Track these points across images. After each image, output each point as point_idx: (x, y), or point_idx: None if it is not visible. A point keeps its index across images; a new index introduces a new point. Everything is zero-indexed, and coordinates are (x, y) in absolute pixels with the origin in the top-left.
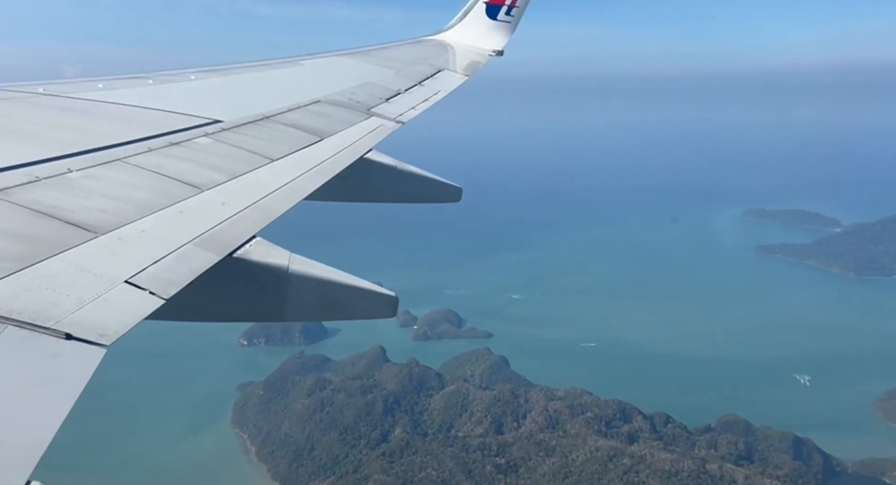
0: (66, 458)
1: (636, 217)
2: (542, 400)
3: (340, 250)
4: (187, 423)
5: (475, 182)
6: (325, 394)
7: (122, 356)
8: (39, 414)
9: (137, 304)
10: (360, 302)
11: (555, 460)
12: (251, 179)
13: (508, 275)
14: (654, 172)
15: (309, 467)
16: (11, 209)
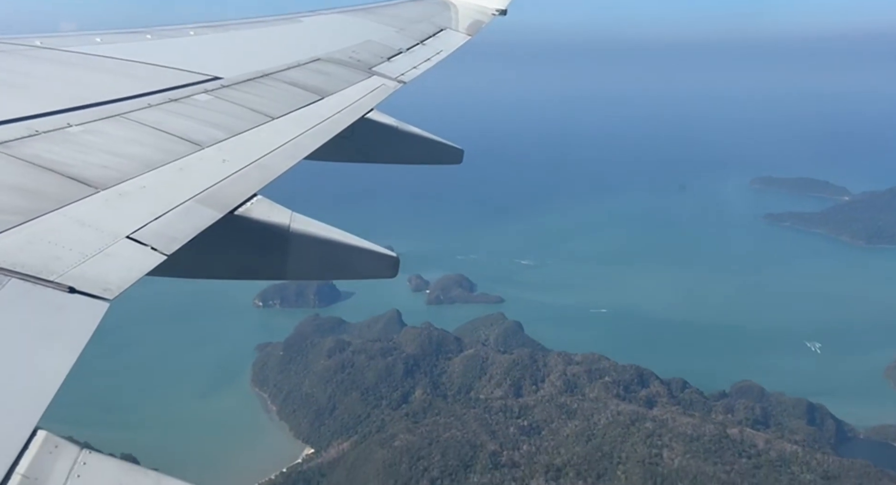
0: (90, 413)
1: (644, 185)
2: (561, 364)
3: (348, 214)
4: (208, 382)
5: (481, 147)
6: (345, 356)
7: (138, 316)
8: (45, 365)
9: (139, 259)
10: (361, 262)
11: (577, 422)
12: (251, 136)
13: (517, 241)
14: (661, 139)
15: (331, 427)
16: (11, 163)
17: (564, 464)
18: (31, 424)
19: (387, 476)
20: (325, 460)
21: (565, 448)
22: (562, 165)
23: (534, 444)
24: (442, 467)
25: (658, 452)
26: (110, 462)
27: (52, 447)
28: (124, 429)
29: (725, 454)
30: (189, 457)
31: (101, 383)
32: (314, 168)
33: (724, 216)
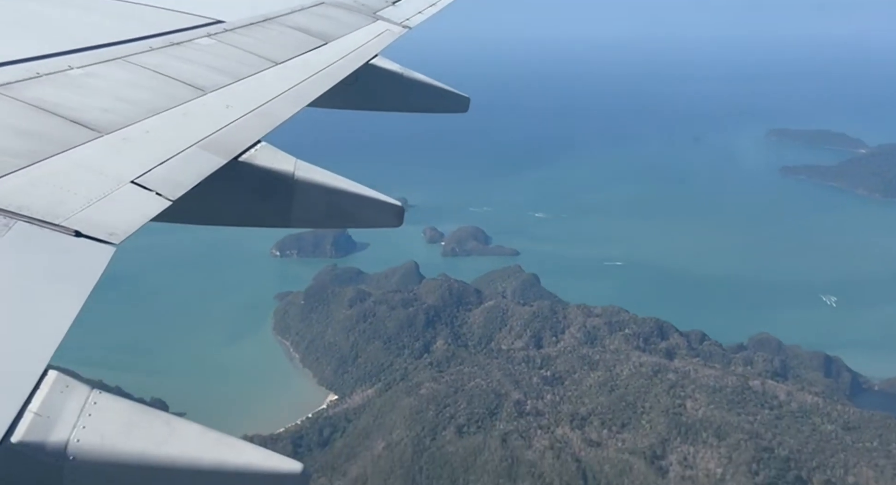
0: (120, 358)
1: (657, 137)
2: (581, 317)
3: (357, 164)
4: (230, 329)
5: (489, 96)
6: (366, 306)
7: (158, 263)
8: (54, 307)
9: (144, 204)
10: (366, 210)
11: (599, 373)
12: (255, 82)
13: (530, 193)
14: (673, 89)
15: (354, 374)
16: (14, 105)
17: (589, 413)
18: (41, 364)
19: (414, 423)
20: (350, 407)
21: (589, 398)
22: (572, 115)
23: (557, 393)
24: (468, 415)
25: (681, 402)
26: (121, 403)
27: (63, 387)
28: (153, 374)
29: (748, 405)
30: (216, 402)
31: (127, 329)
32: (320, 117)
33: (739, 169)
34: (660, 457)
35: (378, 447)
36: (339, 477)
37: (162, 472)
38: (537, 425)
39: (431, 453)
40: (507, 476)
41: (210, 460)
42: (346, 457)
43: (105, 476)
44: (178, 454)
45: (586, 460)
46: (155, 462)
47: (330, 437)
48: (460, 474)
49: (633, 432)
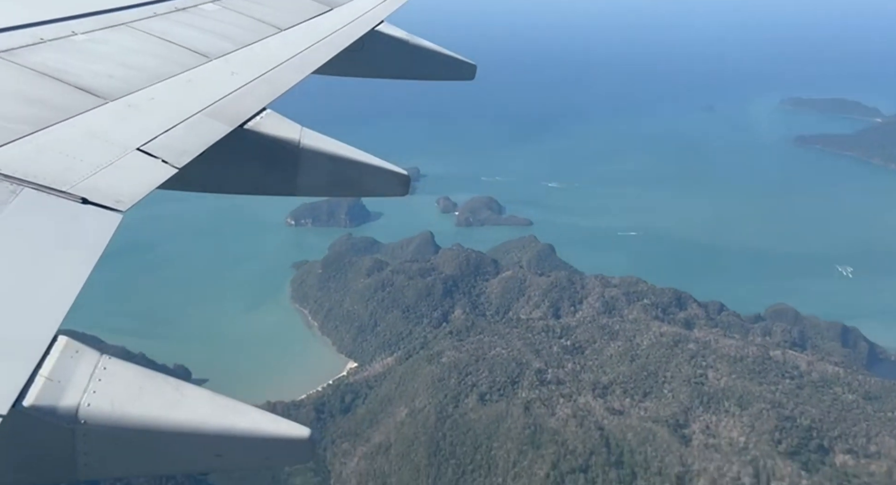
0: (137, 325)
1: (669, 105)
2: (598, 287)
3: (370, 133)
4: (248, 297)
5: (499, 64)
6: (384, 275)
7: (173, 232)
8: (63, 274)
9: (150, 172)
10: (372, 179)
11: (619, 343)
12: (260, 48)
13: (542, 163)
14: (686, 56)
15: (373, 343)
16: (18, 71)
17: (611, 382)
18: (51, 330)
19: (436, 390)
20: (370, 374)
21: (610, 367)
22: (582, 83)
23: (578, 362)
24: (490, 383)
25: (703, 372)
26: (130, 368)
27: (74, 352)
28: (174, 341)
29: (769, 375)
30: (237, 369)
31: (146, 297)
32: (328, 84)
33: (754, 138)
34: (682, 425)
35: (400, 414)
36: (362, 443)
37: (171, 436)
38: (559, 394)
39: (454, 420)
40: (530, 443)
41: (219, 424)
42: (369, 423)
43: (116, 440)
44: (187, 419)
45: (609, 428)
46: (164, 426)
47: (352, 404)
48: (483, 441)
49: (655, 400)
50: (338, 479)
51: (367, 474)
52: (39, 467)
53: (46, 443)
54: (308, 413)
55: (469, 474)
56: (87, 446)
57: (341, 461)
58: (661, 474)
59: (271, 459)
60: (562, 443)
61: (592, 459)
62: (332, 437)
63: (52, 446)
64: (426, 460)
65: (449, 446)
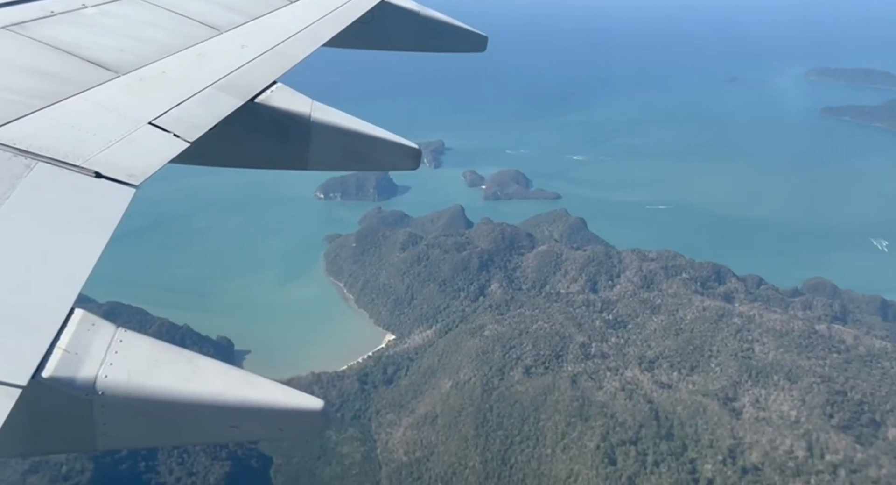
0: (176, 297)
1: (692, 76)
2: (636, 261)
3: (391, 107)
4: (283, 270)
5: (518, 36)
6: (419, 249)
7: (203, 206)
8: (78, 248)
9: (162, 146)
10: (382, 153)
11: (662, 317)
12: (270, 21)
13: (566, 135)
14: (707, 26)
15: (410, 316)
16: (29, 44)
17: (657, 356)
18: (68, 302)
19: (481, 363)
20: (410, 347)
21: (654, 342)
22: (603, 54)
23: (621, 337)
24: (534, 356)
25: (749, 346)
26: (145, 340)
27: (90, 325)
28: (216, 314)
29: (816, 349)
30: (277, 341)
31: (185, 270)
32: (347, 59)
33: (780, 110)
34: (732, 399)
35: (445, 386)
36: (406, 414)
37: (187, 407)
38: (606, 367)
39: (500, 392)
40: (578, 416)
41: (234, 396)
42: (413, 395)
43: (132, 411)
44: (203, 391)
45: (658, 401)
46: (180, 398)
47: (394, 375)
48: (531, 413)
49: (703, 374)
50: (384, 448)
51: (413, 443)
52: (59, 436)
53: (65, 413)
54: (352, 384)
55: (517, 445)
56: (105, 416)
57: (387, 431)
58: (712, 447)
59: (285, 430)
60: (611, 416)
61: (642, 431)
62: (377, 407)
63: (70, 416)
64: (473, 430)
65: (496, 418)
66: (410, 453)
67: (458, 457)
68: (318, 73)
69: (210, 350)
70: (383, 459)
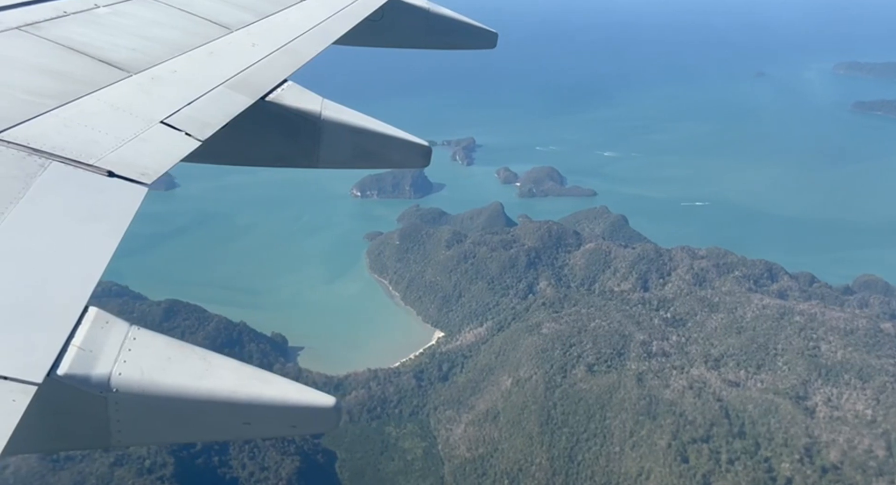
0: (226, 294)
1: (718, 71)
2: (686, 259)
3: (416, 104)
4: (327, 267)
5: (540, 32)
6: (465, 247)
7: (242, 202)
8: (91, 246)
9: (174, 144)
10: (393, 150)
11: (721, 315)
12: (280, 20)
13: (595, 132)
14: (731, 20)
15: (458, 313)
16: (42, 44)
17: (721, 354)
18: (82, 301)
19: (541, 361)
20: (463, 344)
21: (717, 340)
22: (626, 49)
23: (682, 335)
24: (596, 354)
25: (815, 344)
26: (158, 338)
27: (104, 323)
28: (265, 310)
29: (884, 348)
30: (328, 337)
31: (231, 268)
32: (365, 58)
33: (810, 105)
34: (803, 398)
35: (505, 383)
36: (465, 410)
37: (200, 404)
38: (671, 366)
39: (564, 389)
40: (646, 414)
41: (246, 393)
42: (471, 391)
43: (146, 408)
44: (215, 388)
45: (728, 399)
46: (193, 395)
47: (449, 372)
48: (596, 411)
49: (770, 373)
50: (445, 444)
51: (475, 440)
52: (74, 433)
53: (80, 411)
54: (409, 380)
55: (584, 443)
56: (119, 413)
57: (446, 428)
58: (787, 446)
59: (298, 427)
60: (680, 414)
61: (713, 430)
62: (434, 404)
63: (85, 413)
64: (538, 428)
65: (561, 416)
66: (473, 449)
67: (523, 454)
68: (341, 72)
69: (266, 347)
70: (445, 454)
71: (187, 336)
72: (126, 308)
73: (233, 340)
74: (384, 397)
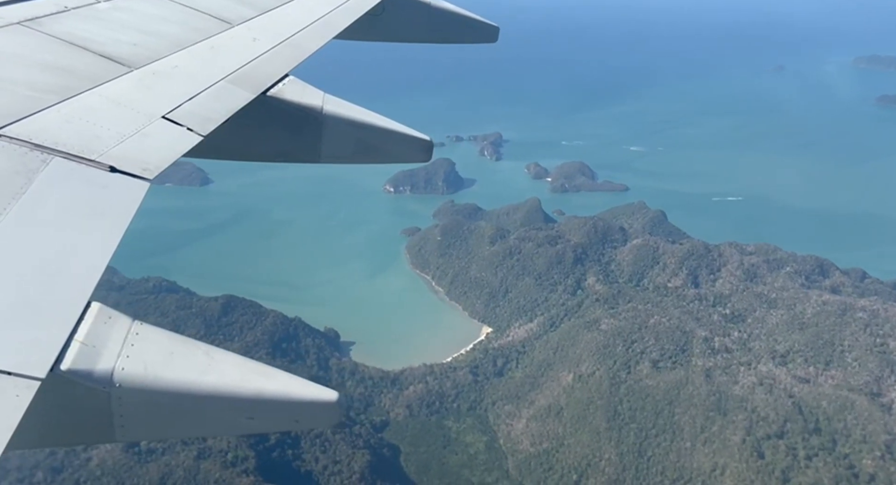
0: (271, 290)
1: (737, 65)
2: (736, 255)
3: (439, 99)
4: (368, 263)
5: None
6: (510, 242)
7: (277, 198)
8: (94, 242)
9: (176, 140)
10: (395, 145)
11: (781, 312)
12: (281, 14)
13: (619, 126)
14: (748, 13)
15: (506, 309)
16: (43, 40)
17: (787, 351)
18: (84, 296)
19: (604, 357)
20: (515, 340)
21: (780, 336)
22: (640, 44)
23: (743, 331)
24: (660, 350)
25: (883, 341)
26: (161, 333)
27: (107, 319)
28: (314, 306)
29: None
30: (378, 332)
31: (273, 263)
32: (378, 54)
33: (833, 99)
34: (878, 394)
35: (565, 379)
36: (525, 405)
37: (203, 399)
38: (737, 362)
39: (629, 385)
40: (716, 410)
41: (249, 388)
42: (529, 387)
43: (149, 403)
44: (219, 383)
45: (800, 395)
46: (196, 390)
47: (503, 367)
48: (664, 407)
49: (840, 369)
50: (506, 438)
51: (538, 434)
52: (78, 428)
53: (83, 405)
54: (465, 376)
55: (652, 438)
56: (122, 408)
57: (507, 423)
58: (866, 442)
59: (301, 421)
60: (752, 410)
61: (787, 426)
62: (492, 399)
63: (89, 408)
64: (605, 423)
65: (628, 411)
66: (537, 444)
67: (591, 449)
68: (355, 68)
69: (321, 342)
70: (507, 449)
71: (246, 332)
72: (184, 303)
73: (290, 335)
74: (442, 392)
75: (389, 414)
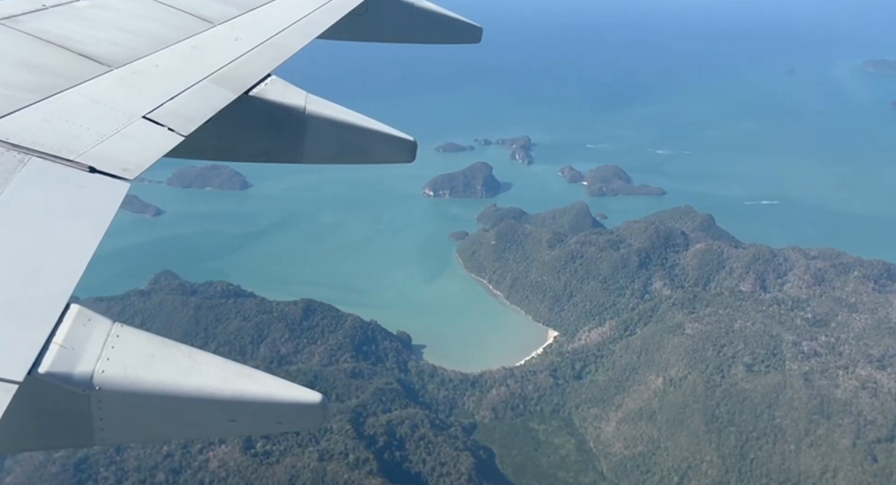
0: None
1: (750, 67)
2: (801, 259)
3: (460, 101)
4: (422, 267)
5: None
6: (570, 247)
7: (319, 202)
8: (73, 243)
9: (157, 140)
10: (378, 145)
11: (865, 316)
12: (264, 13)
13: (642, 129)
14: (758, 17)
15: (572, 313)
16: (21, 38)
17: (882, 355)
18: (63, 298)
19: (693, 361)
20: (589, 343)
21: (871, 340)
22: (653, 46)
23: (830, 335)
24: (751, 354)
25: None
26: (142, 335)
27: (86, 321)
28: (378, 309)
29: None
30: (444, 336)
31: (328, 267)
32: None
33: (849, 102)
34: None
35: (654, 383)
36: (612, 409)
37: (185, 401)
38: (835, 366)
39: (724, 389)
40: (819, 413)
41: (231, 390)
42: (615, 390)
43: (130, 406)
44: (200, 385)
45: None
46: (177, 392)
47: (582, 370)
48: (763, 410)
49: None
50: (596, 441)
51: (631, 438)
52: (57, 432)
53: (62, 409)
54: (545, 379)
55: (754, 441)
56: (102, 411)
57: (594, 426)
58: None
59: (284, 424)
60: (857, 413)
61: None
62: (575, 402)
63: (68, 411)
64: (703, 426)
65: (726, 414)
66: (631, 447)
67: (690, 452)
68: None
69: (398, 345)
70: (598, 451)
71: (327, 335)
72: (263, 308)
73: (368, 338)
74: (524, 395)
75: (475, 416)
